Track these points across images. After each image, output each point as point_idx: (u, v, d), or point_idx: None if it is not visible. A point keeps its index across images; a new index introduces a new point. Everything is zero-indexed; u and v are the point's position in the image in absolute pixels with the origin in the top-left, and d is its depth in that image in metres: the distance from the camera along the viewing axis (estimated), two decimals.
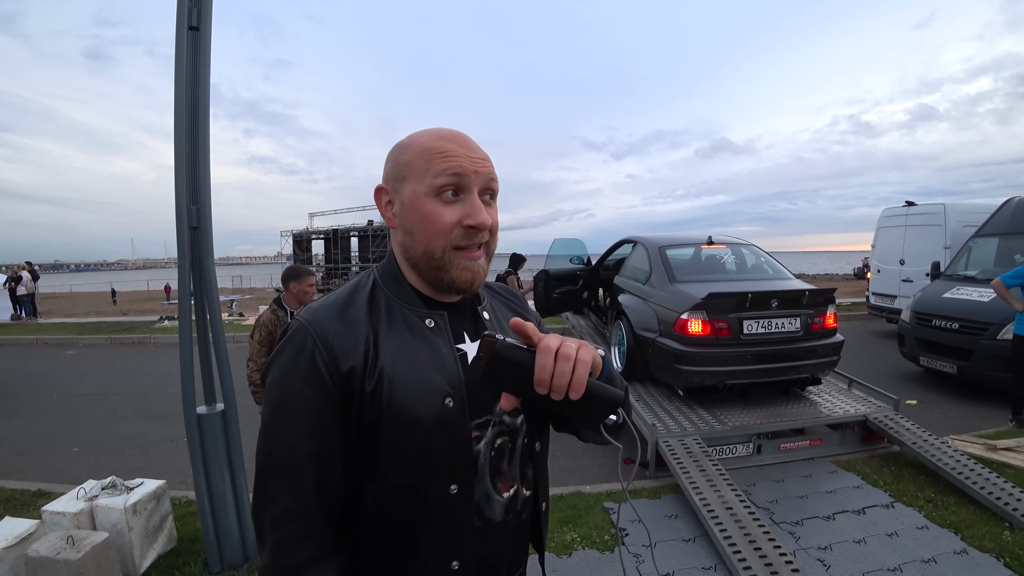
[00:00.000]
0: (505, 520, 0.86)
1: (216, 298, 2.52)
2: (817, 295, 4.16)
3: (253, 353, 3.14)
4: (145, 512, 2.69)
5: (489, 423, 0.84)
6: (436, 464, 0.78)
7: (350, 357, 0.75)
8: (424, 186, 0.78)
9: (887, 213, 9.56)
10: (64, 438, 5.06)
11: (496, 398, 0.81)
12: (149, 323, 12.76)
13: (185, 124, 2.39)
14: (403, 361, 0.78)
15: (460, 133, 0.82)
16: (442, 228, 0.77)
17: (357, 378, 0.75)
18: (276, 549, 0.74)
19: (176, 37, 2.37)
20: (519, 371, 0.65)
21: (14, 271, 15.61)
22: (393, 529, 0.79)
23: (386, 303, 0.83)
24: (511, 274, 7.60)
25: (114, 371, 8.20)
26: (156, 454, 4.58)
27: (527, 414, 0.90)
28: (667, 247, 5.06)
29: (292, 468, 0.74)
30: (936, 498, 3.30)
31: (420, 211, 0.78)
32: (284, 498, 0.73)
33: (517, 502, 0.88)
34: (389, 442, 0.76)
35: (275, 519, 0.74)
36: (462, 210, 0.78)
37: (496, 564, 0.87)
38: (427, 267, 0.81)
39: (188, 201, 2.40)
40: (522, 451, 0.89)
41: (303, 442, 0.74)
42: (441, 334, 0.83)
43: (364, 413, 0.76)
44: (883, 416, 4.09)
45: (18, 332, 11.83)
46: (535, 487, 0.93)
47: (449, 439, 0.78)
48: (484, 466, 0.83)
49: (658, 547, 2.89)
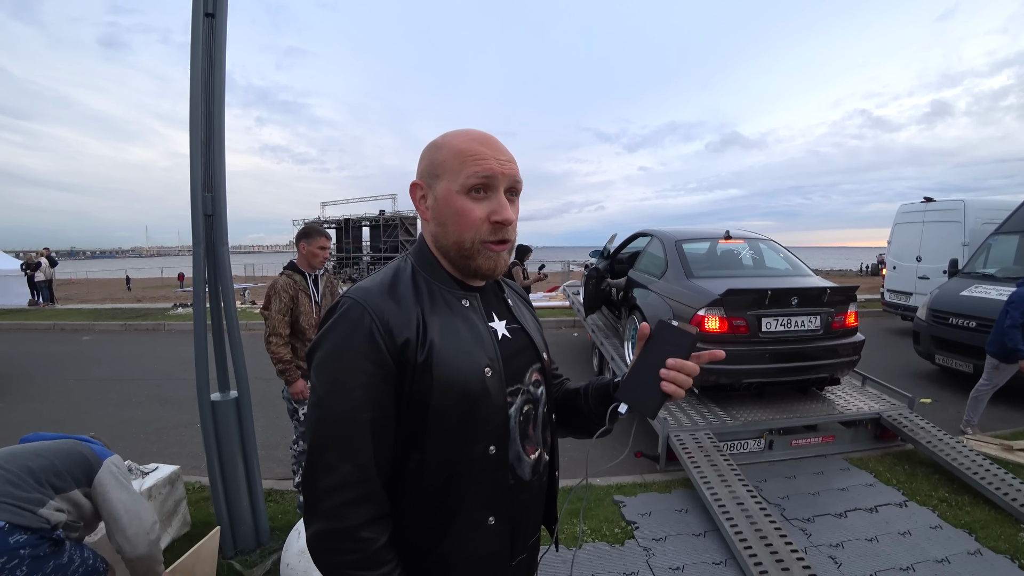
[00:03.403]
0: (531, 480, 0.97)
1: (230, 286, 2.53)
2: (838, 293, 4.07)
3: (276, 325, 2.90)
4: (160, 496, 2.73)
5: (519, 391, 0.95)
6: (478, 427, 0.87)
7: (404, 331, 0.83)
8: (457, 184, 0.87)
9: (904, 209, 9.41)
10: (81, 422, 5.14)
11: (524, 369, 0.98)
12: (163, 310, 12.92)
13: (201, 112, 2.38)
14: (448, 335, 0.87)
15: (490, 136, 0.91)
16: (472, 222, 0.87)
17: (411, 351, 0.83)
18: (332, 514, 0.79)
19: (192, 24, 2.36)
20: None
21: (31, 258, 15.85)
22: (436, 490, 0.86)
23: (427, 284, 0.91)
24: (517, 265, 7.56)
25: (128, 357, 8.31)
26: (170, 439, 4.65)
27: (547, 386, 1.03)
28: (683, 241, 4.99)
29: (351, 437, 0.80)
30: (950, 498, 3.27)
31: (453, 206, 0.88)
32: (343, 465, 0.79)
33: (540, 464, 0.99)
34: (437, 409, 0.84)
35: (332, 486, 0.79)
36: (489, 207, 0.88)
37: (525, 521, 0.98)
38: (457, 255, 0.91)
39: (203, 189, 2.40)
40: (543, 419, 1.01)
41: (362, 412, 0.80)
42: (477, 312, 0.94)
43: (415, 383, 0.83)
44: (897, 414, 4.04)
45: (36, 317, 12.03)
46: (552, 452, 1.05)
47: (489, 405, 0.88)
48: (515, 429, 0.93)
49: (668, 541, 2.88)
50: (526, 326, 1.03)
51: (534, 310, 1.16)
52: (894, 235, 9.56)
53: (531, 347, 1.01)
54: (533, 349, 1.02)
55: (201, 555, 2.25)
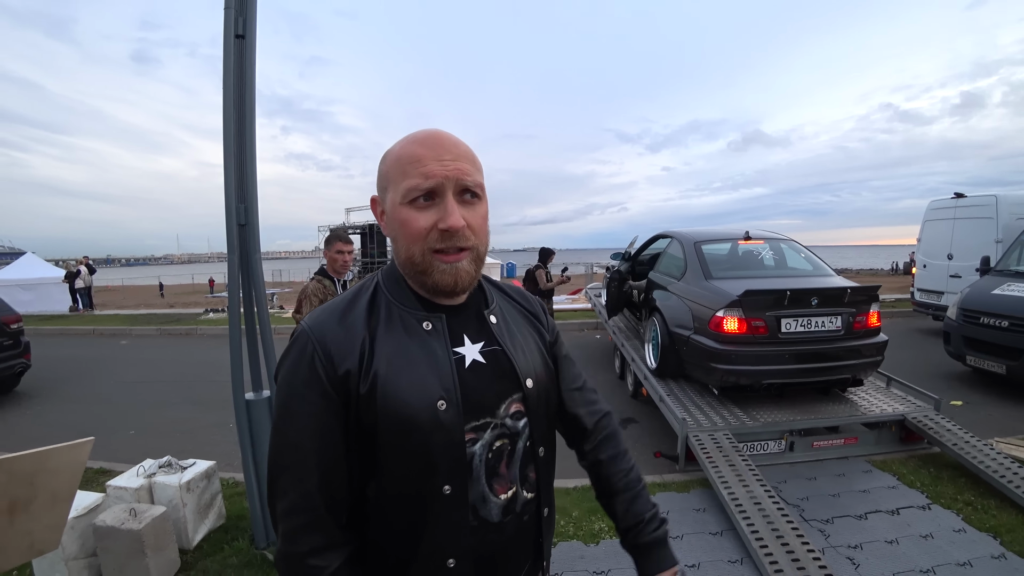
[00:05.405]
0: (503, 521, 0.87)
1: (263, 291, 2.67)
2: (859, 293, 4.03)
3: None
4: (197, 490, 2.88)
5: (489, 425, 0.85)
6: (430, 465, 0.80)
7: (346, 361, 0.78)
8: (399, 195, 0.80)
9: (934, 205, 9.17)
10: (120, 421, 5.40)
11: (498, 399, 0.87)
12: (195, 315, 13.39)
13: (233, 128, 2.52)
14: (398, 364, 0.80)
15: (434, 134, 0.82)
16: (417, 233, 0.80)
17: (353, 381, 0.78)
18: (286, 538, 0.79)
19: (223, 45, 2.50)
20: None
21: (71, 266, 16.62)
22: (393, 526, 0.82)
23: (386, 306, 0.85)
24: (539, 268, 7.60)
25: (163, 360, 8.66)
26: (203, 438, 4.85)
27: (531, 418, 0.91)
28: (703, 242, 4.99)
29: (297, 465, 0.78)
30: (976, 501, 3.21)
31: (397, 219, 0.82)
32: (291, 492, 0.78)
33: (516, 504, 0.89)
34: (386, 442, 0.79)
35: (284, 510, 0.79)
36: (436, 214, 0.80)
37: (498, 563, 0.88)
38: (411, 272, 0.84)
39: (236, 200, 2.54)
40: (523, 454, 0.90)
41: (306, 441, 0.78)
42: (438, 336, 0.85)
43: (361, 414, 0.79)
44: (923, 416, 3.98)
45: (77, 323, 12.60)
46: (538, 490, 0.93)
47: (442, 441, 0.79)
48: (480, 467, 0.84)
49: (685, 539, 2.92)
50: (510, 347, 0.91)
51: (542, 317, 1.05)
52: (924, 232, 9.33)
53: (511, 374, 0.89)
54: (514, 376, 0.89)
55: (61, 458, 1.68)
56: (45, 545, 1.71)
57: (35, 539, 1.67)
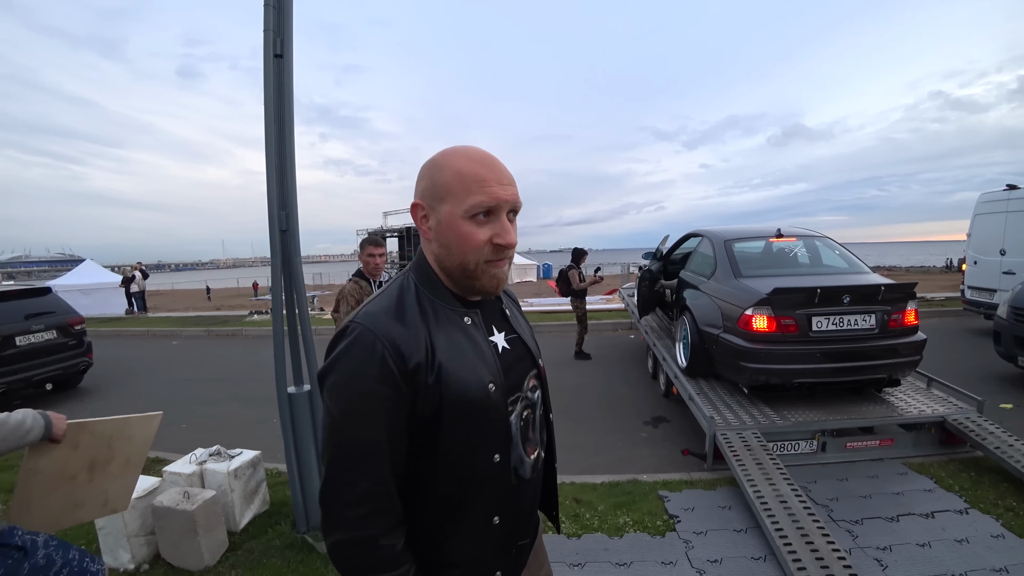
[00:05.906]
0: (532, 477, 1.05)
1: (304, 293, 2.85)
2: (894, 290, 3.93)
3: None
4: (244, 477, 3.10)
5: (519, 399, 1.01)
6: (484, 439, 0.93)
7: (415, 355, 0.86)
8: (461, 209, 0.89)
9: (985, 199, 8.73)
10: (173, 416, 5.76)
11: (522, 377, 1.03)
12: (240, 317, 14.01)
13: (273, 140, 2.71)
14: (454, 355, 0.91)
15: (491, 156, 0.92)
16: (476, 246, 0.91)
17: (422, 373, 0.87)
18: (352, 525, 0.85)
19: (263, 65, 2.69)
20: None
21: (127, 272, 17.67)
22: (447, 496, 0.92)
23: (431, 304, 0.94)
24: (572, 268, 7.63)
25: (211, 360, 9.15)
26: (248, 432, 5.13)
27: (543, 390, 1.11)
28: (733, 240, 4.97)
29: (368, 457, 0.85)
30: (1018, 507, 3.10)
31: (457, 230, 0.90)
32: (361, 482, 0.85)
33: (539, 462, 1.08)
34: (447, 425, 0.89)
35: (352, 500, 0.84)
36: (492, 230, 0.91)
37: (526, 513, 1.07)
38: (460, 275, 0.94)
39: (278, 207, 2.73)
40: (540, 420, 1.09)
41: (378, 433, 0.85)
42: (478, 329, 0.98)
43: (425, 402, 0.87)
44: (964, 418, 3.85)
45: (132, 324, 13.41)
46: (549, 448, 1.15)
47: (493, 417, 0.94)
48: (517, 435, 0.99)
49: (708, 535, 2.94)
50: (522, 334, 1.08)
51: (523, 313, 1.21)
52: (974, 227, 8.88)
53: (528, 355, 1.07)
54: (530, 357, 1.07)
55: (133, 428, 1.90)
56: (118, 504, 1.92)
57: (109, 497, 1.89)
